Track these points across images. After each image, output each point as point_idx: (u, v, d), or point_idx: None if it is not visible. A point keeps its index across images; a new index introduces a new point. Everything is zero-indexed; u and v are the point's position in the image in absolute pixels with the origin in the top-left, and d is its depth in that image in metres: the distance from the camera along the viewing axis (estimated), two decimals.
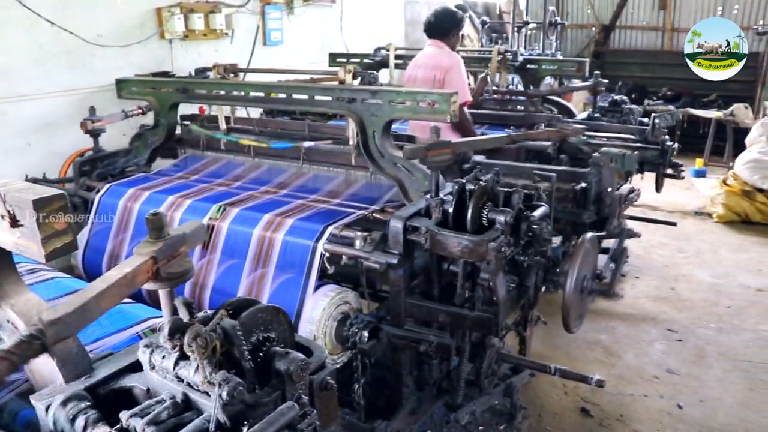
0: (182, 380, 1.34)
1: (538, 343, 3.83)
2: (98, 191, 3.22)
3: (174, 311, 1.47)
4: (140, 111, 3.72)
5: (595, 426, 3.46)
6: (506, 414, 3.33)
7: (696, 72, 8.81)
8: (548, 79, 6.67)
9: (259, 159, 3.38)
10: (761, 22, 10.62)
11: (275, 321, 1.45)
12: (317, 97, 2.96)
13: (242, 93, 3.30)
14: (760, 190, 6.80)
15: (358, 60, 5.53)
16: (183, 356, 1.33)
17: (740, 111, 9.19)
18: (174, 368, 1.35)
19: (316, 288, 2.54)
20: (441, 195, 2.36)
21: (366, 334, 2.42)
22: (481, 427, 3.23)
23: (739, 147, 8.06)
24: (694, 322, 4.65)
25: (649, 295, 5.05)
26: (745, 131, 8.33)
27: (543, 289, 2.77)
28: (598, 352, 4.15)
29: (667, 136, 4.55)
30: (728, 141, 9.19)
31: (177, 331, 1.33)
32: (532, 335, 3.33)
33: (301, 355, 1.38)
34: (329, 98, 2.87)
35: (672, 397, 3.72)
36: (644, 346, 4.28)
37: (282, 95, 3.18)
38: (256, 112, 4.87)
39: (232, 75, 3.56)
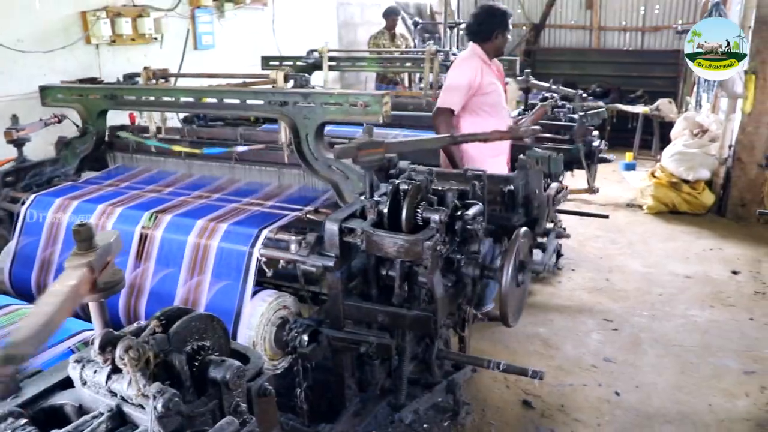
0: (116, 394, 1.31)
1: (478, 339, 3.88)
2: (23, 203, 3.11)
3: (106, 323, 1.44)
4: (56, 119, 3.60)
5: (537, 417, 3.52)
6: (450, 410, 3.36)
7: (622, 69, 9.05)
8: None
9: (190, 163, 3.32)
10: (680, 21, 11.04)
11: (210, 329, 1.43)
12: (249, 101, 2.93)
13: (172, 98, 3.24)
14: (686, 181, 7.05)
15: (291, 63, 5.49)
16: (115, 369, 1.30)
17: (665, 106, 9.52)
18: (107, 382, 1.32)
19: (254, 293, 2.52)
20: (376, 196, 2.37)
21: (306, 338, 2.41)
22: (425, 425, 3.25)
23: (666, 140, 8.35)
24: (629, 311, 4.78)
25: (585, 287, 5.17)
26: (670, 125, 8.64)
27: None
28: (537, 345, 4.23)
29: (596, 133, 4.67)
30: (655, 135, 9.51)
31: (108, 343, 1.30)
32: (471, 332, 3.37)
33: (237, 363, 1.36)
34: (261, 102, 2.84)
35: (610, 384, 3.82)
36: (582, 337, 4.38)
37: (213, 100, 3.14)
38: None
39: (162, 80, 3.50)
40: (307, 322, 2.48)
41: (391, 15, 8.95)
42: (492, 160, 3.99)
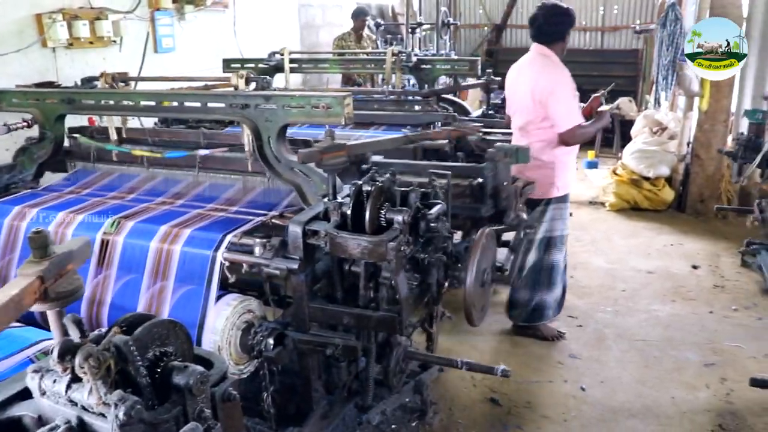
0: (76, 404, 1.29)
1: (445, 339, 3.90)
2: None
3: (65, 332, 1.42)
4: (26, 124, 3.52)
5: (504, 414, 3.55)
6: (417, 410, 3.36)
7: (583, 68, 9.11)
8: (443, 79, 6.80)
9: (153, 170, 3.28)
10: (638, 21, 11.25)
11: (172, 335, 1.42)
12: (210, 104, 2.90)
13: (132, 102, 3.20)
14: (646, 178, 7.18)
15: (252, 65, 5.45)
16: (75, 378, 1.28)
17: (625, 104, 9.68)
18: (66, 392, 1.29)
19: (219, 298, 2.49)
20: (339, 198, 2.36)
21: (271, 341, 2.40)
22: (393, 426, 3.24)
23: (627, 138, 8.49)
24: (593, 307, 4.85)
25: None
26: (631, 123, 8.80)
27: (447, 285, 2.83)
28: (504, 343, 4.26)
29: None
30: (616, 133, 9.65)
31: (67, 352, 1.28)
32: (438, 331, 3.39)
33: (200, 368, 1.35)
34: (222, 105, 2.81)
35: (575, 380, 3.87)
36: None
37: (174, 103, 3.11)
38: (150, 122, 4.74)
39: (121, 84, 3.45)
40: (272, 326, 2.47)
41: (360, 16, 8.95)
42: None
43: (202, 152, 3.09)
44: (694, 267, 5.66)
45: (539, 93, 3.98)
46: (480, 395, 3.70)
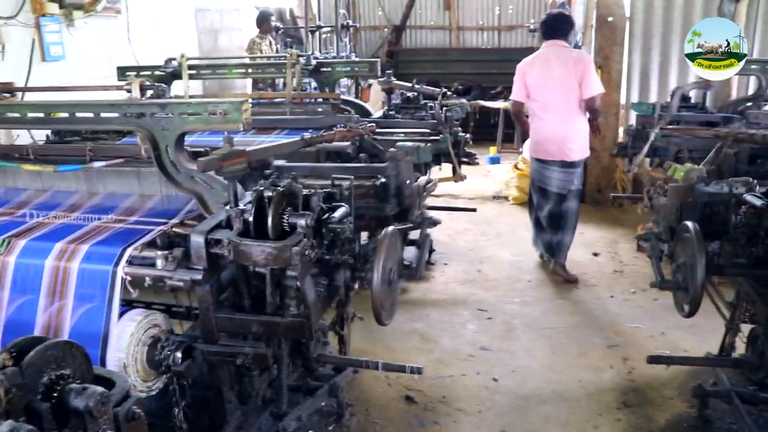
0: None
1: (358, 340, 3.91)
2: None
3: None
4: None
5: (420, 411, 3.58)
6: (334, 414, 3.36)
7: (481, 67, 9.35)
8: (344, 81, 6.83)
9: (45, 182, 3.14)
10: (532, 20, 11.62)
11: (69, 356, 1.36)
12: (103, 115, 2.79)
13: (18, 114, 3.05)
14: None
15: (149, 72, 5.30)
16: None
17: None
18: None
19: (122, 314, 2.41)
20: (241, 205, 2.33)
21: (179, 355, 2.34)
22: (310, 431, 3.24)
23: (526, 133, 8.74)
24: (501, 299, 4.96)
25: (458, 279, 5.33)
26: None
27: (356, 286, 2.84)
28: (415, 341, 4.31)
29: (459, 128, 4.82)
30: (516, 128, 9.91)
31: None
32: (350, 333, 3.40)
33: (100, 389, 1.30)
34: (116, 114, 2.72)
35: (487, 372, 3.94)
36: (458, 328, 4.50)
37: (65, 114, 2.98)
38: (41, 134, 4.53)
39: (6, 95, 3.29)
40: (179, 339, 2.41)
41: (266, 20, 8.85)
42: None
43: (97, 164, 2.97)
44: (595, 254, 5.88)
45: (580, 69, 5.07)
46: (396, 394, 3.72)
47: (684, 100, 5.22)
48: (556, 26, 5.24)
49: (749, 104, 5.03)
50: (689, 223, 2.78)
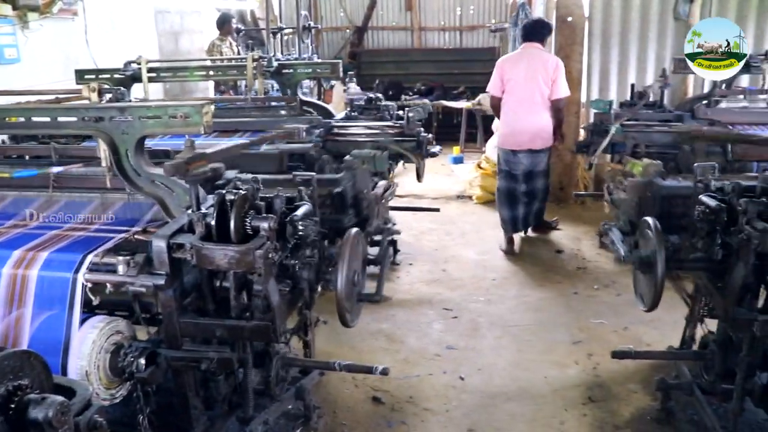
0: None
1: (323, 342, 3.90)
2: None
3: None
4: None
5: (387, 412, 3.59)
6: (301, 416, 3.34)
7: (443, 67, 9.40)
8: (307, 83, 6.80)
9: (0, 191, 3.07)
10: (494, 21, 11.74)
11: (27, 366, 1.34)
12: (61, 119, 2.74)
13: None
14: None
15: (108, 75, 5.23)
16: None
17: (486, 100, 10.01)
18: None
19: (84, 321, 2.37)
20: (203, 208, 2.32)
21: (142, 361, 2.32)
22: None
23: (489, 132, 8.80)
24: (466, 298, 4.99)
25: (424, 279, 5.35)
26: (492, 118, 9.11)
27: (321, 288, 2.83)
28: (381, 341, 4.31)
29: (422, 128, 4.84)
30: (479, 128, 10.01)
31: None
32: (315, 336, 3.39)
33: (60, 398, 1.29)
34: (74, 119, 2.67)
35: (454, 371, 3.96)
36: (424, 328, 4.52)
37: (21, 119, 2.92)
38: None
39: None
40: (142, 345, 2.39)
41: (227, 23, 8.79)
42: None
43: (56, 169, 2.92)
44: (558, 251, 5.96)
45: (551, 70, 5.68)
46: (363, 395, 3.72)
47: (642, 98, 5.32)
48: (535, 31, 5.86)
49: (704, 102, 5.12)
50: (649, 219, 2.83)
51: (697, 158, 3.79)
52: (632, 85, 5.90)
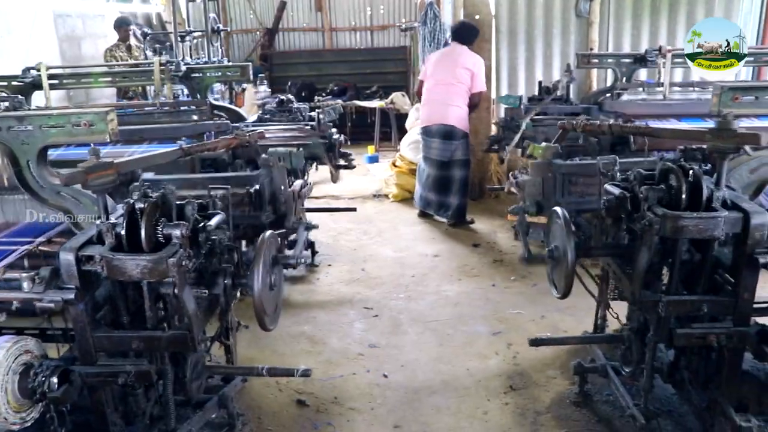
0: None
1: (245, 347, 3.86)
2: None
3: None
4: None
5: (312, 414, 3.57)
6: (225, 425, 3.29)
7: (356, 67, 9.39)
8: (218, 86, 6.70)
9: None
10: (404, 20, 11.86)
11: None
12: None
13: None
14: None
15: (5, 83, 5.01)
16: None
17: (398, 99, 10.16)
18: None
19: None
20: (112, 218, 2.25)
21: (55, 380, 2.25)
22: None
23: (403, 131, 8.91)
24: (386, 296, 5.03)
25: (343, 279, 5.35)
26: (405, 116, 9.25)
27: (238, 294, 2.80)
28: (303, 344, 4.29)
29: (334, 129, 4.84)
30: (393, 127, 10.10)
31: None
32: (236, 342, 3.35)
33: None
34: None
35: (377, 369, 3.98)
36: (346, 328, 4.52)
37: None
38: None
39: None
40: (54, 363, 2.30)
41: (122, 26, 8.55)
42: None
43: None
44: (475, 245, 6.07)
45: (470, 65, 6.40)
46: (287, 398, 3.70)
47: (549, 93, 5.49)
48: (463, 32, 6.57)
49: (608, 95, 5.33)
50: (558, 209, 2.93)
51: (602, 150, 3.94)
52: (540, 82, 6.10)
